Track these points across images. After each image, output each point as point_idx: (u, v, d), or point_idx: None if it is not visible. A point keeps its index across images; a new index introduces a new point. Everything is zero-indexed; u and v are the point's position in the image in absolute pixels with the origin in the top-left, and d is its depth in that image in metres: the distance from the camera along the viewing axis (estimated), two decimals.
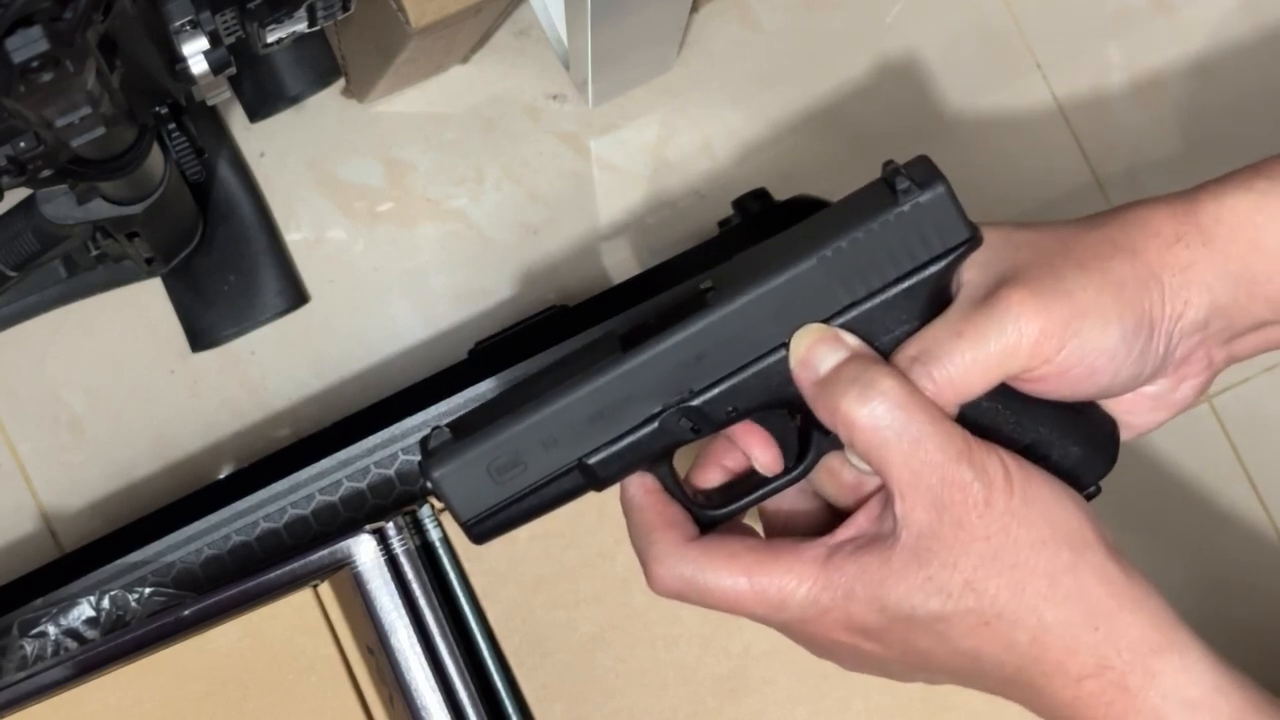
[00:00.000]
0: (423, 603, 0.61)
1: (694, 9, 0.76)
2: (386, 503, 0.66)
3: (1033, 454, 0.49)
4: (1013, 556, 0.46)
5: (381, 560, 0.60)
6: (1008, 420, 0.49)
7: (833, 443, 0.49)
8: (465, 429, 0.49)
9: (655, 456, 0.49)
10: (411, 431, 0.66)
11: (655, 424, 0.48)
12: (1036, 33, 0.79)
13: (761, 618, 0.50)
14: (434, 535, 0.62)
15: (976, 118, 0.79)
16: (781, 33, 0.78)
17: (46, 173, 0.53)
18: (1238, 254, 0.49)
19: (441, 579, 0.62)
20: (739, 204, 0.72)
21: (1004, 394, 0.48)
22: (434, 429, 0.50)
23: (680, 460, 0.50)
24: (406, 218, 0.76)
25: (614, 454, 0.49)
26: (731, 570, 0.48)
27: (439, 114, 0.76)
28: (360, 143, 0.76)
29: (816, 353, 0.48)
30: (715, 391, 0.48)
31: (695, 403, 0.48)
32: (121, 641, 0.60)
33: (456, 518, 0.49)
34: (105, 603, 0.64)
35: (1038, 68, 0.79)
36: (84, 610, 0.64)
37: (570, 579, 0.62)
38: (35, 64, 0.44)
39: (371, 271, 0.76)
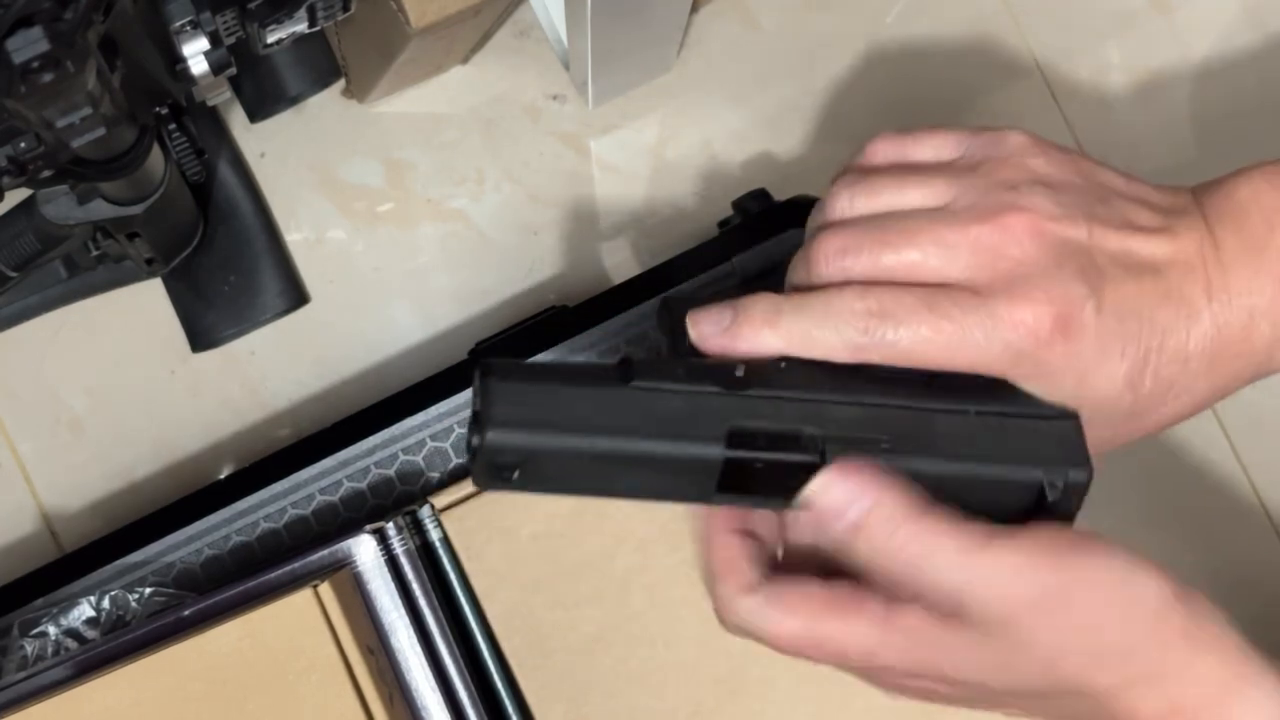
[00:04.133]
0: (423, 603, 0.61)
1: (694, 9, 0.76)
2: (386, 503, 0.66)
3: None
4: (1080, 639, 0.46)
5: (381, 560, 0.60)
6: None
7: None
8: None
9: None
10: (411, 431, 0.66)
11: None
12: (1036, 33, 0.79)
13: (829, 664, 0.49)
14: (434, 535, 0.62)
15: (977, 118, 0.79)
16: (781, 33, 0.78)
17: (47, 173, 0.53)
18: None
19: (441, 579, 0.62)
20: (739, 204, 0.72)
21: None
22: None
23: None
24: (407, 218, 0.76)
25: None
26: (790, 623, 0.48)
27: (439, 114, 0.76)
28: (360, 143, 0.76)
29: (839, 497, 0.47)
30: None
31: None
32: (121, 641, 0.60)
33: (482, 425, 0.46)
34: (105, 603, 0.64)
35: (1038, 67, 0.79)
36: (84, 610, 0.64)
37: (570, 579, 0.62)
38: (36, 64, 0.44)
39: (372, 272, 0.76)
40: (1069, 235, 0.48)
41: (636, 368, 0.47)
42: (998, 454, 0.48)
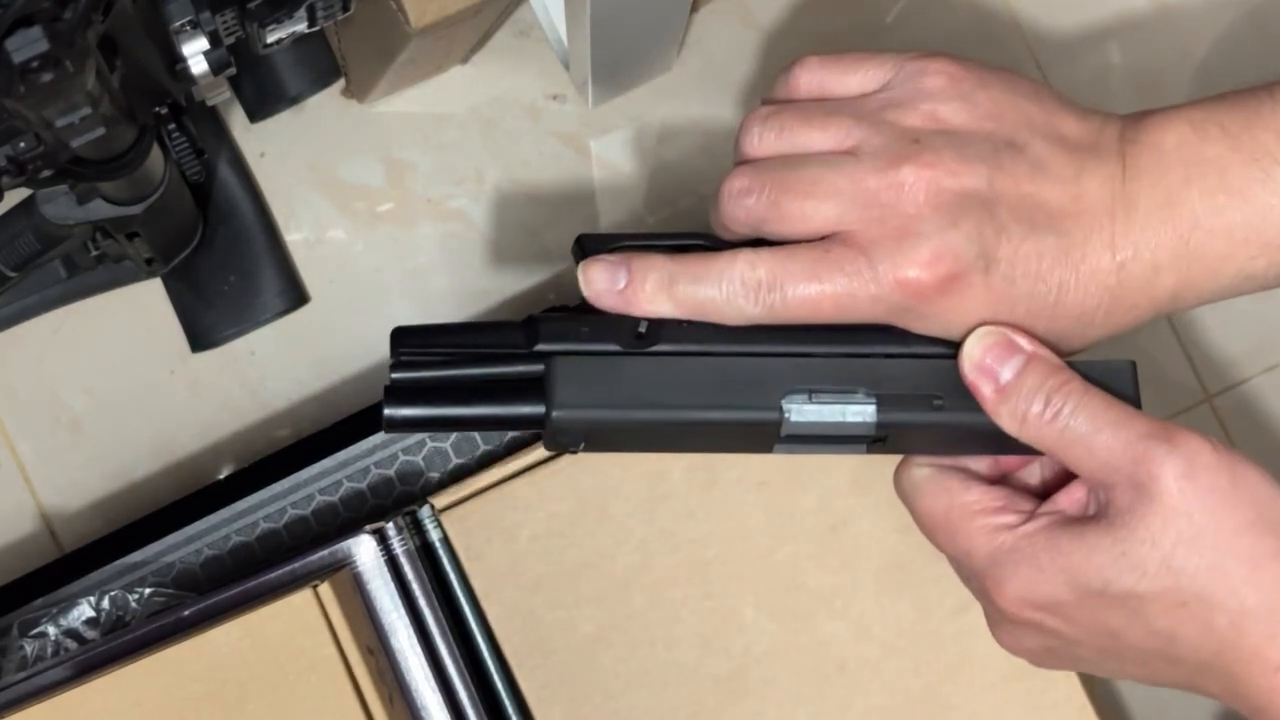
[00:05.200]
0: (423, 603, 0.61)
1: (694, 9, 0.76)
2: (386, 503, 0.66)
3: None
4: (1215, 538, 0.46)
5: (381, 560, 0.60)
6: None
7: None
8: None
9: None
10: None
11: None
12: (1037, 32, 0.79)
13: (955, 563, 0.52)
14: (434, 535, 0.62)
15: None
16: (781, 32, 0.78)
17: (46, 173, 0.53)
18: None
19: (441, 579, 0.62)
20: None
21: None
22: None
23: None
24: (407, 218, 0.76)
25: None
26: (932, 507, 0.51)
27: (439, 114, 0.76)
28: (360, 143, 0.76)
29: (993, 358, 0.49)
30: None
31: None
32: (121, 642, 0.60)
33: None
34: (105, 603, 0.64)
35: (1038, 67, 0.79)
36: (84, 610, 0.64)
37: (570, 579, 0.62)
38: (35, 64, 0.44)
39: (371, 272, 0.76)
40: (968, 187, 0.48)
41: (547, 328, 0.51)
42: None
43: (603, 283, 0.51)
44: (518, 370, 0.51)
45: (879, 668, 0.62)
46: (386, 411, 0.51)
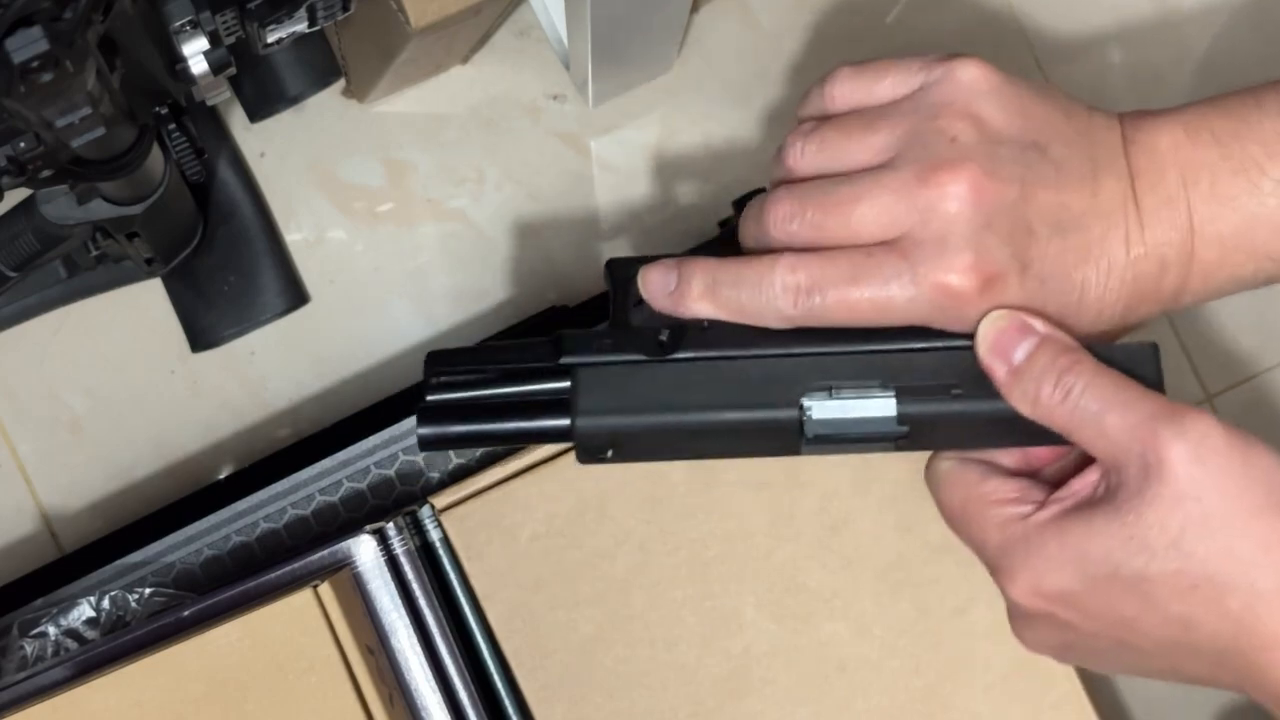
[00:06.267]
0: (423, 603, 0.61)
1: (694, 9, 0.76)
2: (386, 503, 0.66)
3: None
4: (1225, 520, 0.45)
5: (381, 561, 0.60)
6: None
7: None
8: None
9: None
10: (411, 431, 0.66)
11: None
12: (1037, 32, 0.79)
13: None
14: (434, 535, 0.62)
15: None
16: (781, 32, 0.78)
17: (46, 173, 0.53)
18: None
19: (441, 579, 0.62)
20: (739, 204, 0.72)
21: None
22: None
23: None
24: (407, 218, 0.76)
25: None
26: (950, 498, 0.51)
27: (439, 114, 0.76)
28: (360, 143, 0.76)
29: (1007, 341, 0.49)
30: None
31: None
32: (121, 642, 0.60)
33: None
34: (105, 603, 0.64)
35: (1038, 67, 0.79)
36: (84, 610, 0.64)
37: (570, 579, 0.62)
38: (35, 64, 0.44)
39: (372, 272, 0.76)
40: (1002, 194, 0.49)
41: (571, 342, 0.52)
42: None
43: (656, 285, 0.53)
44: (546, 386, 0.52)
45: (879, 668, 0.62)
46: (420, 431, 0.52)
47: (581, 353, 0.52)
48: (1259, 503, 0.46)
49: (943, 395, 0.50)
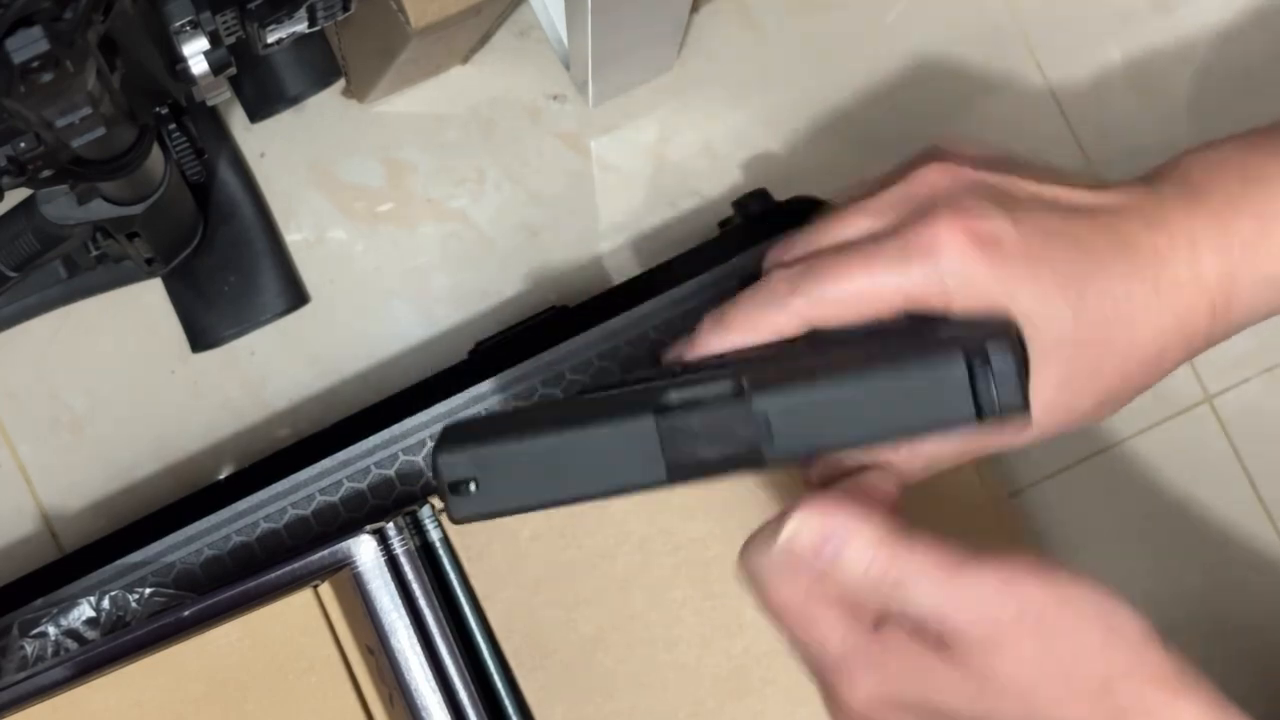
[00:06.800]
0: (423, 603, 0.61)
1: (694, 9, 0.76)
2: (387, 503, 0.66)
3: None
4: (1059, 665, 0.44)
5: (382, 561, 0.60)
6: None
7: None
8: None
9: None
10: (411, 431, 0.66)
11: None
12: (1037, 33, 0.79)
13: (803, 653, 0.49)
14: (434, 535, 0.62)
15: (977, 118, 0.79)
16: (781, 33, 0.78)
17: (47, 173, 0.53)
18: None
19: (441, 579, 0.62)
20: (739, 204, 0.72)
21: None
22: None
23: None
24: (407, 218, 0.76)
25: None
26: (790, 591, 0.47)
27: (439, 114, 0.76)
28: (360, 143, 0.76)
29: (817, 545, 0.46)
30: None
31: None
32: (121, 642, 0.60)
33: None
34: (105, 603, 0.64)
35: (1038, 68, 0.79)
36: (84, 610, 0.64)
37: (570, 579, 0.62)
38: (35, 64, 0.44)
39: (372, 272, 0.76)
40: (989, 181, 0.49)
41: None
42: (907, 355, 0.46)
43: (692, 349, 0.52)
44: None
45: None
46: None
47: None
48: (1094, 644, 0.45)
49: (787, 356, 0.48)
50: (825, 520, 0.46)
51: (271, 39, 0.58)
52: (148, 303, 0.75)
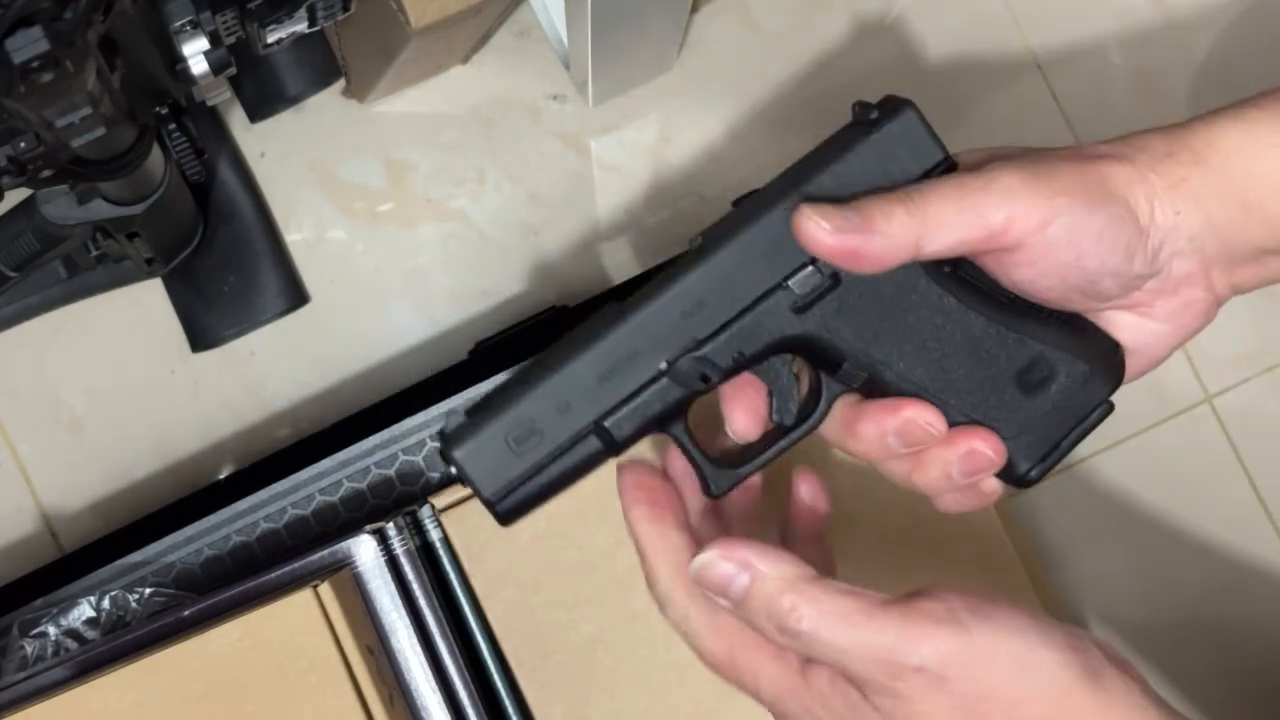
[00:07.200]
0: (423, 603, 0.61)
1: (694, 9, 0.76)
2: (386, 503, 0.66)
3: (1041, 370, 0.49)
4: (967, 712, 0.44)
5: (382, 561, 0.60)
6: (1010, 340, 0.49)
7: (843, 386, 0.49)
8: (480, 410, 0.49)
9: (669, 414, 0.49)
10: (411, 431, 0.66)
11: (664, 378, 0.48)
12: (1037, 33, 0.79)
13: (744, 692, 0.49)
14: (434, 535, 0.62)
15: (977, 118, 0.79)
16: (781, 33, 0.78)
17: (47, 173, 0.53)
18: (1230, 177, 0.49)
19: (441, 579, 0.62)
20: (739, 204, 0.72)
21: (1003, 309, 0.49)
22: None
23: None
24: (407, 218, 0.76)
25: (627, 413, 0.49)
26: (716, 645, 0.48)
27: (439, 114, 0.76)
28: (360, 143, 0.76)
29: (720, 578, 0.47)
30: (720, 337, 0.48)
31: (701, 351, 0.48)
32: (122, 642, 0.60)
33: (481, 496, 0.49)
34: (105, 603, 0.64)
35: (1038, 68, 0.79)
36: (84, 610, 0.64)
37: (570, 579, 0.62)
38: (35, 64, 0.44)
39: (372, 272, 0.76)
40: None
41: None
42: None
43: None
44: None
45: None
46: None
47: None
48: (1016, 696, 0.44)
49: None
50: (733, 558, 0.47)
51: (271, 39, 0.58)
52: (148, 303, 0.75)
